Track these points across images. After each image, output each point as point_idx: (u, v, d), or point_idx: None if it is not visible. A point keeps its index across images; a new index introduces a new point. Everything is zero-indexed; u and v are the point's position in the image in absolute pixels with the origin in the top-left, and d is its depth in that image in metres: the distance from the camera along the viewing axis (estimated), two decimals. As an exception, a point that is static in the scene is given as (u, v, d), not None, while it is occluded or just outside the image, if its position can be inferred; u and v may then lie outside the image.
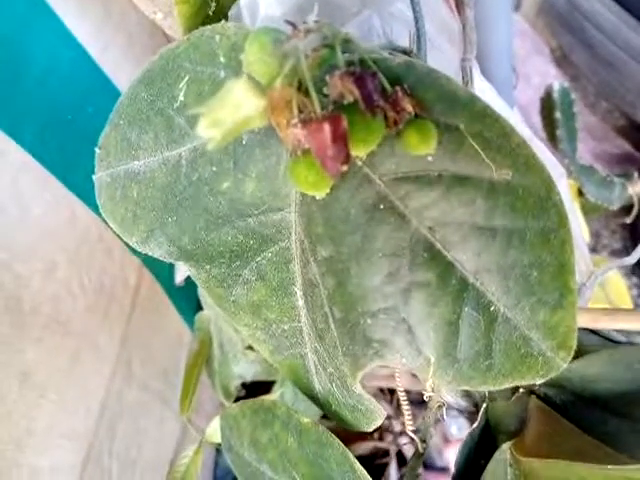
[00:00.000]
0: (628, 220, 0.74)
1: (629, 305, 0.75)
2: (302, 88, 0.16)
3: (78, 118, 0.33)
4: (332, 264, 0.19)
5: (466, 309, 0.18)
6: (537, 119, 0.67)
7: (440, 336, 0.18)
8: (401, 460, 0.67)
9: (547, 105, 0.52)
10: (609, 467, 0.19)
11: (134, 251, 0.27)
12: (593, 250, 0.90)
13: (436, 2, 0.23)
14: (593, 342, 0.25)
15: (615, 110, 0.98)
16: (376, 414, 0.22)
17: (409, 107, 0.15)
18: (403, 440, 0.70)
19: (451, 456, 0.73)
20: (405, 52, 0.19)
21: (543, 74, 1.00)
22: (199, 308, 0.47)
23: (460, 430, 0.72)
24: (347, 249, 0.19)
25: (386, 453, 0.70)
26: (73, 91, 0.33)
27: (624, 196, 0.70)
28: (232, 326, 0.47)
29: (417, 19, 0.19)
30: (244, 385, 0.52)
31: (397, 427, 0.68)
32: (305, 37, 0.15)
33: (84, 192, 0.33)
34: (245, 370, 0.48)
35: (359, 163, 0.17)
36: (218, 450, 0.61)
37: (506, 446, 0.23)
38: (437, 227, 0.17)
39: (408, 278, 0.18)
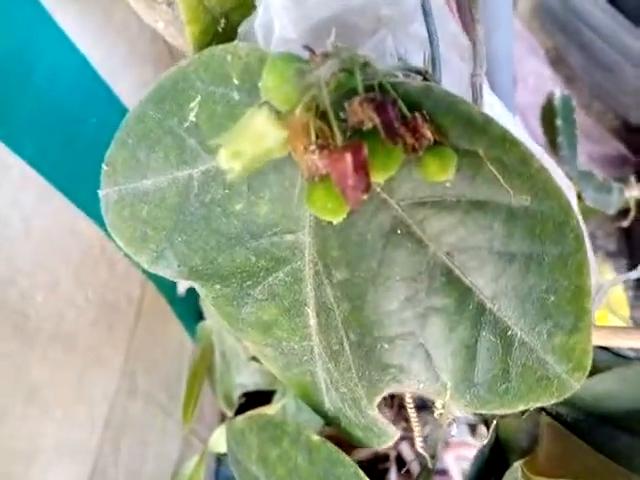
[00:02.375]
0: (625, 224, 0.74)
1: (625, 309, 0.76)
2: (318, 113, 0.16)
3: (79, 129, 0.33)
4: (347, 288, 0.19)
5: (483, 334, 0.18)
6: (534, 121, 0.67)
7: (458, 361, 0.18)
8: (400, 464, 0.67)
9: (548, 112, 0.52)
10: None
11: (137, 263, 0.26)
12: (589, 253, 0.90)
13: (446, 18, 0.23)
14: (603, 358, 0.25)
15: (609, 112, 0.99)
16: (388, 435, 0.22)
17: (428, 134, 0.15)
18: (403, 445, 0.70)
19: (450, 460, 0.73)
20: (420, 72, 0.19)
21: (538, 75, 1.00)
22: (201, 318, 0.47)
23: (460, 434, 0.72)
24: (363, 273, 0.18)
25: (386, 458, 0.70)
26: (74, 101, 0.33)
27: (621, 200, 0.71)
28: (236, 338, 0.46)
29: (432, 40, 0.19)
30: (245, 393, 0.52)
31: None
32: (323, 62, 0.15)
33: (86, 204, 0.32)
34: (247, 380, 0.47)
35: (377, 189, 0.17)
36: (219, 460, 0.60)
37: (517, 464, 0.23)
38: (455, 252, 0.17)
39: (425, 303, 0.18)
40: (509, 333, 0.18)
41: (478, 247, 0.17)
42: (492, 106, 0.26)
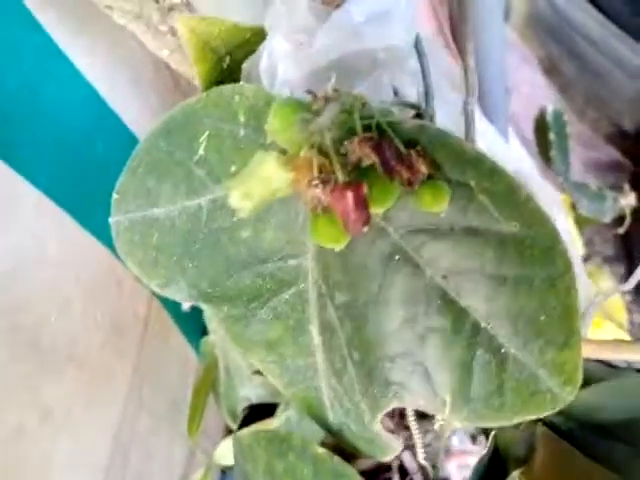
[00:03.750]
0: (621, 231, 0.75)
1: (622, 313, 0.77)
2: (321, 151, 0.17)
3: (90, 158, 0.34)
4: (350, 309, 0.20)
5: (479, 352, 0.19)
6: (527, 129, 0.68)
7: (455, 378, 0.19)
8: (403, 473, 0.68)
9: (541, 127, 0.54)
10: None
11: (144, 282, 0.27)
12: (586, 258, 0.91)
13: (439, 52, 0.24)
14: (596, 369, 0.26)
15: (603, 118, 1.00)
16: (392, 448, 0.23)
17: (423, 169, 0.17)
18: (405, 455, 0.70)
19: (452, 468, 0.73)
20: (414, 106, 0.20)
21: (531, 84, 1.01)
22: (204, 333, 0.48)
23: (461, 442, 0.72)
24: (364, 296, 0.20)
25: (389, 468, 0.70)
26: (84, 131, 0.34)
27: (616, 208, 0.72)
28: (241, 354, 0.47)
29: (425, 76, 0.20)
30: (248, 406, 0.53)
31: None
32: (325, 105, 0.16)
33: (96, 228, 0.33)
34: (251, 393, 0.48)
35: (376, 218, 0.18)
36: (223, 472, 0.61)
37: (516, 474, 0.24)
38: (450, 276, 0.18)
39: (424, 323, 0.19)
40: (503, 351, 0.19)
41: (471, 271, 0.18)
42: (484, 133, 0.27)
